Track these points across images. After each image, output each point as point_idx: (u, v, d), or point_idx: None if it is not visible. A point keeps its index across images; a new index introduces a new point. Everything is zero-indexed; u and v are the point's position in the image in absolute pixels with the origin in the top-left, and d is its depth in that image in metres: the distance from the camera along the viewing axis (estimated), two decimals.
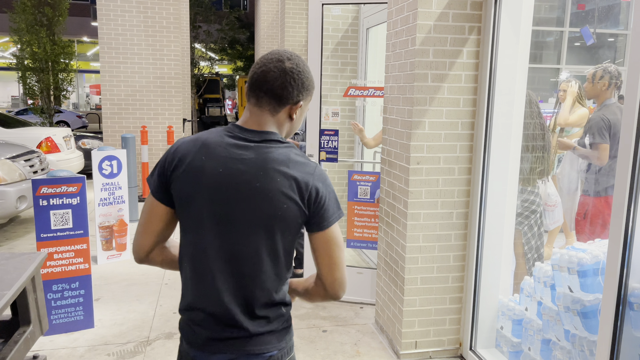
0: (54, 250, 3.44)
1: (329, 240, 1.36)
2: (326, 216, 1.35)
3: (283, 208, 1.30)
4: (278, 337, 1.39)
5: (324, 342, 3.43)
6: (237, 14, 19.52)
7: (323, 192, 1.34)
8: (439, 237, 3.15)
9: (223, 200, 1.31)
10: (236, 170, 1.31)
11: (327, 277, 1.38)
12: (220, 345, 1.36)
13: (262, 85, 1.34)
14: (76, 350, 3.27)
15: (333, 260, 1.37)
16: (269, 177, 1.30)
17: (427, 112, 3.01)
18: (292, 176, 1.31)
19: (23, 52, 12.19)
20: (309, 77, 1.39)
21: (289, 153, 1.34)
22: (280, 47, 10.14)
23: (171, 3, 7.61)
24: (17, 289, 1.47)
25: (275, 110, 1.36)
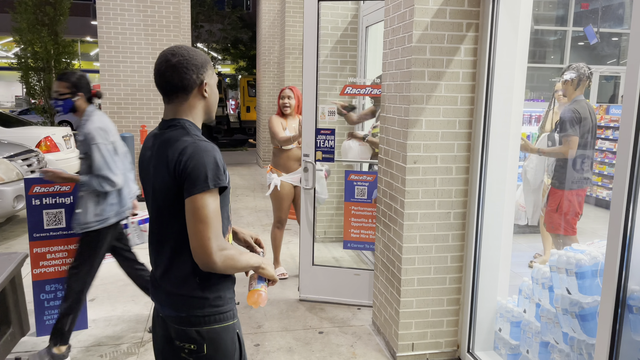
0: (46, 250, 3.40)
1: (189, 209, 1.48)
2: (187, 186, 1.48)
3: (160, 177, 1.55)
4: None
5: (319, 344, 3.38)
6: (239, 13, 19.49)
7: (189, 165, 1.48)
8: (436, 237, 3.10)
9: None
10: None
11: (191, 246, 1.50)
12: None
13: (164, 86, 1.56)
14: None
15: (192, 231, 1.48)
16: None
17: (424, 111, 2.96)
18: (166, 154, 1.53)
19: (24, 51, 12.19)
20: (198, 57, 1.57)
21: (177, 132, 1.56)
22: (280, 46, 10.09)
23: (171, 2, 7.57)
24: None
25: (185, 97, 1.58)
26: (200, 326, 1.58)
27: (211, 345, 1.59)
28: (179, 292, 1.58)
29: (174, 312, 1.59)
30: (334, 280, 4.01)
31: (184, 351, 1.60)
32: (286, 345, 3.35)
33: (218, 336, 1.61)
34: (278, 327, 3.61)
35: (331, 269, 4.05)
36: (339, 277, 4.01)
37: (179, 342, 1.60)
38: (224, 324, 1.63)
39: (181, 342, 1.59)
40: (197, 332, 1.58)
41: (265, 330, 3.56)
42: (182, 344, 1.60)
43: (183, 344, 1.59)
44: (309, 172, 3.78)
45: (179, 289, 1.58)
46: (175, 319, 1.60)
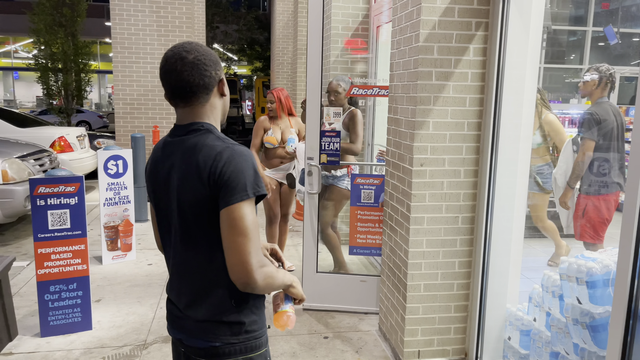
0: (51, 250, 3.39)
1: (225, 220, 1.33)
2: (224, 195, 1.33)
3: (191, 188, 1.38)
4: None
5: (324, 349, 3.32)
6: (254, 14, 19.51)
7: (226, 171, 1.33)
8: (444, 242, 3.01)
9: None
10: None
11: (226, 260, 1.35)
12: None
13: (184, 87, 1.39)
14: (71, 353, 3.21)
15: (229, 244, 1.33)
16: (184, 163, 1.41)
17: (432, 112, 2.88)
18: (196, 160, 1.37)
19: (42, 52, 12.34)
20: (212, 53, 1.45)
21: (204, 137, 1.40)
22: (294, 47, 10.05)
23: (184, 3, 7.58)
24: None
25: (207, 98, 1.43)
26: (235, 356, 1.43)
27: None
28: (212, 319, 1.42)
29: (206, 343, 1.43)
30: (338, 288, 3.89)
31: None
32: (290, 350, 3.29)
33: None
34: (282, 332, 3.55)
35: (336, 276, 3.93)
36: (344, 284, 3.89)
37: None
38: (259, 351, 1.49)
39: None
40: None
41: (269, 334, 3.50)
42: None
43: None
44: (313, 176, 3.68)
45: (212, 316, 1.42)
46: (207, 351, 1.43)
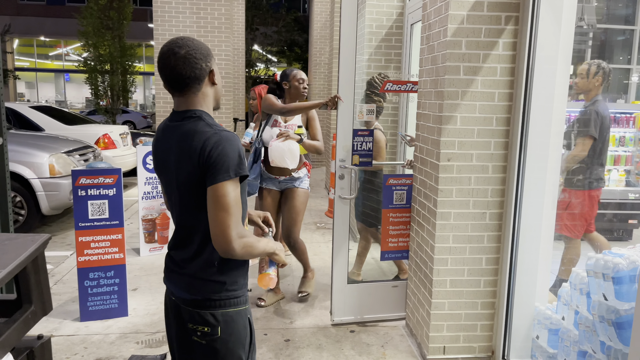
0: (90, 239, 3.56)
1: (210, 197, 1.52)
2: (210, 174, 1.51)
3: (185, 167, 1.56)
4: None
5: (350, 343, 3.35)
6: (293, 16, 19.71)
7: (213, 154, 1.50)
8: (471, 238, 3.00)
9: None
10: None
11: (211, 232, 1.53)
12: None
13: (177, 79, 1.56)
14: (108, 337, 3.36)
15: (212, 217, 1.52)
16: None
17: (459, 107, 2.87)
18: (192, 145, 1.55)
19: (90, 54, 12.87)
20: (203, 47, 1.60)
21: (198, 124, 1.57)
22: (331, 48, 10.10)
23: (223, 4, 7.76)
24: (13, 268, 1.50)
25: (199, 87, 1.60)
26: (215, 309, 1.63)
27: (225, 329, 1.63)
28: (200, 276, 1.63)
29: (190, 296, 1.63)
30: (370, 297, 3.69)
31: (196, 334, 1.63)
32: (316, 342, 3.34)
33: (232, 320, 1.65)
34: (309, 324, 3.60)
35: (367, 285, 3.73)
36: (376, 292, 3.70)
37: (192, 324, 1.64)
38: (237, 308, 1.67)
39: (195, 324, 1.63)
40: (212, 315, 1.62)
41: (296, 327, 3.56)
42: (195, 327, 1.63)
43: (196, 327, 1.63)
44: (345, 179, 3.56)
45: (199, 273, 1.63)
46: (191, 302, 1.63)
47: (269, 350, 3.22)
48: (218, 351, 1.64)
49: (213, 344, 1.63)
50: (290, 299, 4.04)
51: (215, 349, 1.64)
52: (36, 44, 30.20)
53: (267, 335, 3.42)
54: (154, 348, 3.22)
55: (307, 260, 4.07)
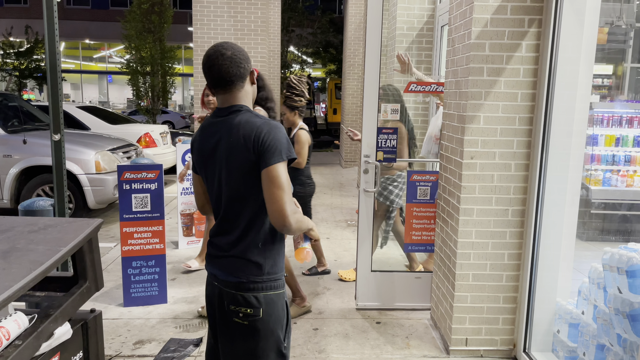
0: (134, 230, 3.82)
1: (266, 177, 1.69)
2: (265, 158, 1.69)
3: (238, 155, 1.73)
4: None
5: (376, 333, 3.49)
6: (328, 17, 19.89)
7: (266, 140, 1.70)
8: (493, 234, 3.09)
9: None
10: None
11: (268, 210, 1.71)
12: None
13: (224, 77, 1.75)
14: (149, 321, 3.61)
15: (269, 196, 1.69)
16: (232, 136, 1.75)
17: (482, 107, 2.98)
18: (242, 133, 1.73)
19: (132, 56, 13.38)
20: (244, 51, 1.82)
21: (246, 115, 1.76)
22: (364, 49, 10.24)
23: (259, 7, 8.00)
24: (72, 247, 1.72)
25: (242, 85, 1.80)
26: (258, 292, 1.77)
27: (266, 310, 1.78)
28: (245, 256, 1.77)
29: (234, 278, 1.78)
30: (393, 286, 3.88)
31: (238, 315, 1.77)
32: (343, 332, 3.50)
33: (272, 302, 1.80)
34: (338, 315, 3.76)
35: (391, 274, 3.91)
36: (399, 281, 3.89)
37: (234, 306, 1.77)
38: (277, 291, 1.83)
39: (237, 306, 1.76)
40: (255, 298, 1.77)
41: (325, 317, 3.73)
42: (237, 308, 1.77)
43: (239, 308, 1.76)
44: (369, 174, 3.76)
45: (245, 254, 1.78)
46: (235, 285, 1.77)
47: (298, 337, 3.39)
48: (259, 331, 1.78)
49: (255, 324, 1.77)
50: (320, 291, 4.21)
51: (257, 329, 1.77)
52: (81, 46, 31.37)
53: (296, 323, 3.60)
54: (190, 333, 3.45)
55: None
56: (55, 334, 1.68)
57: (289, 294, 4.08)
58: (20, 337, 1.54)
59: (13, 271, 1.50)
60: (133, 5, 13.18)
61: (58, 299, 1.77)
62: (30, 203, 3.15)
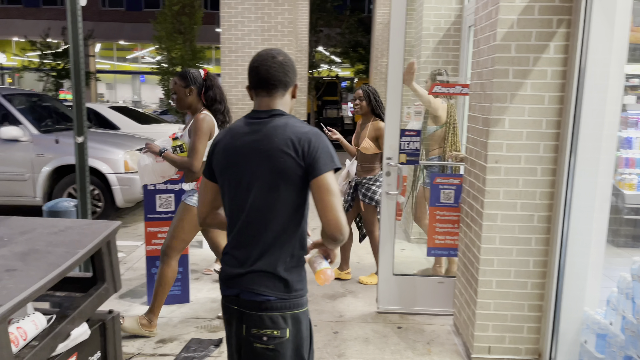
0: (157, 230, 3.87)
1: (320, 185, 1.63)
2: (318, 166, 1.63)
3: (280, 161, 1.65)
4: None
5: (396, 338, 3.45)
6: (357, 17, 19.82)
7: (316, 148, 1.64)
8: (518, 240, 3.02)
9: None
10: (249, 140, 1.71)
11: (322, 219, 1.63)
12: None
13: (269, 79, 1.71)
14: (171, 320, 3.65)
15: (325, 205, 1.61)
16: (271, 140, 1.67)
17: (508, 109, 2.91)
18: (288, 137, 1.66)
19: (163, 57, 13.61)
20: (294, 63, 1.78)
21: (288, 120, 1.70)
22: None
23: (286, 8, 8.02)
24: (90, 249, 1.75)
25: (283, 93, 1.75)
26: (285, 310, 1.66)
27: (293, 330, 1.67)
28: (271, 270, 1.66)
29: (262, 297, 1.65)
30: (415, 290, 3.82)
31: (262, 339, 1.63)
32: (363, 336, 3.47)
33: (298, 321, 1.69)
34: (358, 318, 3.73)
35: (413, 278, 3.86)
36: (422, 286, 3.83)
37: (257, 330, 1.63)
38: (303, 309, 1.73)
39: (262, 329, 1.63)
40: (282, 317, 1.65)
41: (345, 320, 3.71)
42: (262, 332, 1.63)
43: (264, 331, 1.63)
44: (391, 176, 3.71)
45: (272, 268, 1.66)
46: (260, 305, 1.64)
47: (318, 340, 3.38)
48: (284, 355, 1.66)
49: (281, 347, 1.64)
50: (341, 294, 4.19)
51: (281, 353, 1.65)
52: (115, 47, 32.08)
53: (316, 326, 3.59)
54: (211, 333, 3.47)
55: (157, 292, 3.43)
56: (72, 334, 1.71)
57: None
58: (37, 338, 1.57)
59: (31, 273, 1.53)
60: (164, 6, 13.41)
61: (76, 300, 1.80)
62: (54, 204, 3.23)
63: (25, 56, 21.50)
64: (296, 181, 1.65)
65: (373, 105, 4.20)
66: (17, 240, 1.75)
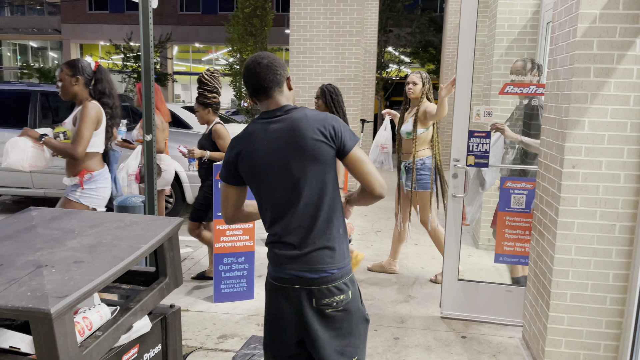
0: (226, 227, 3.95)
1: (355, 159, 1.85)
2: (347, 144, 1.83)
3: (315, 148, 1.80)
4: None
5: (460, 348, 3.32)
6: (428, 16, 19.44)
7: (339, 129, 1.83)
8: (596, 251, 2.81)
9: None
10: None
11: (367, 186, 1.85)
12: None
13: (262, 84, 1.84)
14: (233, 317, 3.72)
15: (365, 173, 1.84)
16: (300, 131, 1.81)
17: (588, 111, 2.71)
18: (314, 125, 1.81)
19: (235, 59, 13.99)
20: (280, 59, 1.89)
21: (304, 111, 1.85)
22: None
23: (355, 8, 7.98)
24: (153, 244, 1.79)
25: (280, 90, 1.87)
26: (345, 276, 1.87)
27: (352, 290, 1.90)
28: (328, 245, 1.84)
29: (327, 273, 1.82)
30: (481, 297, 3.69)
31: (332, 306, 1.83)
32: (425, 343, 3.36)
33: (354, 281, 1.92)
34: (420, 325, 3.63)
35: (478, 285, 3.72)
36: (488, 293, 3.69)
37: (327, 299, 1.82)
38: (352, 273, 1.95)
39: (330, 297, 1.82)
40: (344, 283, 1.86)
41: (407, 326, 3.61)
42: (330, 300, 1.82)
43: (332, 300, 1.82)
44: (458, 178, 3.59)
45: (328, 243, 1.84)
46: (327, 279, 1.82)
47: (377, 345, 3.32)
48: (351, 311, 1.87)
49: (348, 307, 1.86)
50: (403, 300, 4.09)
51: (349, 310, 1.87)
52: (192, 50, 33.40)
53: (377, 331, 3.52)
54: None
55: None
56: (134, 327, 1.76)
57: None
58: (101, 329, 1.63)
59: (96, 265, 1.58)
60: (237, 9, 13.78)
61: (139, 294, 1.85)
62: (124, 199, 3.37)
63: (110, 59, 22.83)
64: (332, 162, 1.83)
65: (328, 104, 4.16)
66: (86, 233, 1.83)
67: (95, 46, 31.93)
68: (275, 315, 1.88)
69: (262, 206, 1.90)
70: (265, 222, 1.91)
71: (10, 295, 1.40)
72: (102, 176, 3.30)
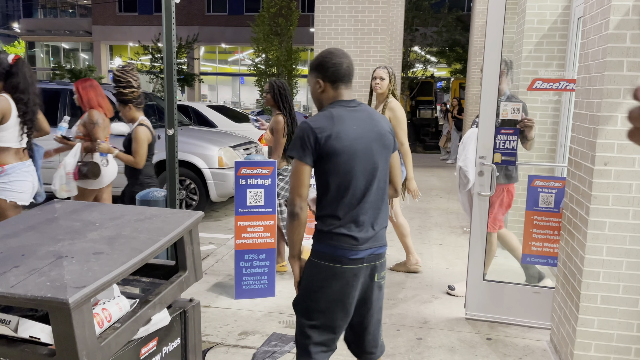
0: (247, 224, 3.95)
1: (396, 158, 2.22)
2: (395, 144, 2.17)
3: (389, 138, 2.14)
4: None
5: (485, 350, 3.24)
6: (455, 15, 19.19)
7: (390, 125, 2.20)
8: (629, 252, 2.70)
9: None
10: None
11: (393, 180, 2.22)
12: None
13: (351, 72, 2.07)
14: (255, 314, 3.71)
15: (397, 169, 2.22)
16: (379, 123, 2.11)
17: (620, 106, 2.61)
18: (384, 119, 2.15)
19: (260, 59, 14.06)
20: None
21: (370, 107, 2.14)
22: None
23: (380, 6, 7.92)
24: (172, 237, 1.78)
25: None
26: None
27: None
28: (386, 224, 2.15)
29: (385, 247, 2.14)
30: (507, 298, 3.59)
31: (383, 276, 2.16)
32: (449, 344, 3.30)
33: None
34: (444, 326, 3.56)
35: (504, 285, 3.61)
36: (515, 294, 3.58)
37: (384, 272, 2.15)
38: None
39: (384, 270, 2.15)
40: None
41: (430, 327, 3.54)
42: (384, 273, 2.16)
43: (384, 272, 2.16)
44: (484, 176, 3.48)
45: (387, 221, 2.18)
46: (385, 253, 2.15)
47: (400, 345, 3.26)
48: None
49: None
50: (426, 300, 4.02)
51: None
52: (218, 50, 33.74)
53: (399, 331, 3.47)
54: (292, 329, 3.47)
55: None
56: (153, 319, 1.75)
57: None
58: (120, 320, 1.62)
59: (114, 257, 1.58)
60: (262, 9, 13.84)
61: (159, 287, 1.85)
62: (146, 193, 3.39)
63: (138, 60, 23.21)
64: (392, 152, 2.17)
65: (276, 98, 4.24)
66: (106, 226, 1.83)
67: (125, 47, 32.55)
68: (338, 298, 2.03)
69: (338, 187, 2.01)
70: (334, 206, 2.02)
71: (30, 284, 1.41)
72: (16, 169, 3.27)
